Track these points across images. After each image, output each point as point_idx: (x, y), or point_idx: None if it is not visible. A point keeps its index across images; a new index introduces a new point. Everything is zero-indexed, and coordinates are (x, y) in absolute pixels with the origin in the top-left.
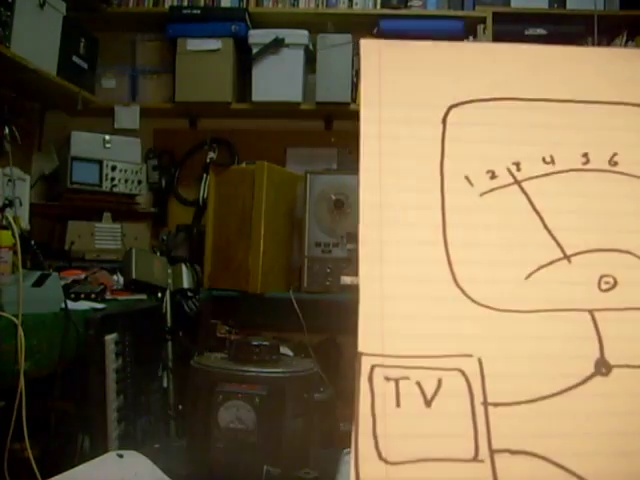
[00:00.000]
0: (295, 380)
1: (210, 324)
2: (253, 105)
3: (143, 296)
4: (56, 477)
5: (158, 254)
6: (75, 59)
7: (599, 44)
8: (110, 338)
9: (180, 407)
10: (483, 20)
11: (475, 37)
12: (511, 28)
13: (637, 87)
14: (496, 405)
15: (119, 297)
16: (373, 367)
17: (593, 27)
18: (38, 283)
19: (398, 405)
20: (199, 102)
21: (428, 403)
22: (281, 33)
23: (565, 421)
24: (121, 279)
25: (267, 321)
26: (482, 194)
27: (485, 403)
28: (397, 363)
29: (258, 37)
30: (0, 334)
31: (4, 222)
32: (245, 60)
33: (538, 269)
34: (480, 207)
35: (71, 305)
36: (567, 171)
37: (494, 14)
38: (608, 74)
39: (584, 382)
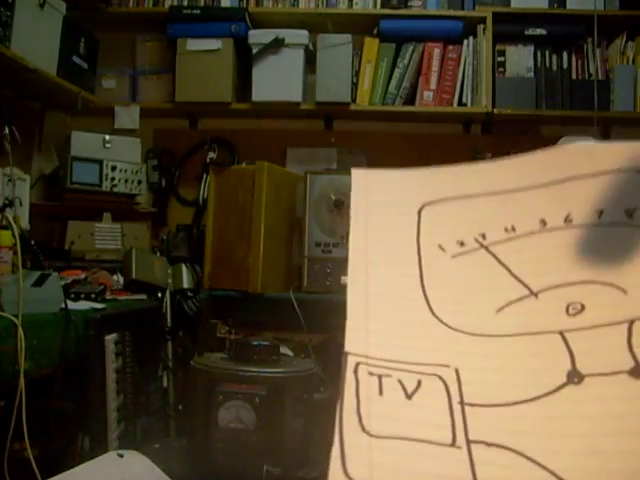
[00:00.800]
0: (295, 380)
1: (210, 324)
2: (253, 105)
3: (143, 296)
4: (56, 477)
5: (158, 254)
6: (75, 59)
7: (599, 44)
8: (110, 338)
9: (180, 407)
10: (483, 20)
11: (475, 37)
12: (511, 28)
13: (574, 166)
14: (472, 405)
15: (119, 297)
16: (358, 364)
17: (593, 27)
18: (38, 283)
19: (381, 394)
20: (199, 102)
21: (409, 397)
22: (281, 33)
23: (538, 423)
24: (121, 279)
25: (267, 321)
26: (454, 256)
27: (462, 403)
28: (379, 364)
29: (258, 37)
30: (0, 334)
31: (4, 222)
32: (245, 60)
33: (508, 304)
34: (452, 265)
35: (71, 305)
36: (527, 234)
37: (494, 14)
38: (551, 163)
39: (557, 390)
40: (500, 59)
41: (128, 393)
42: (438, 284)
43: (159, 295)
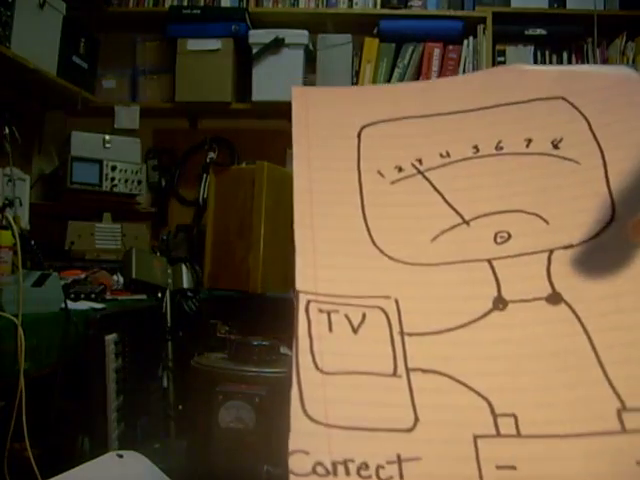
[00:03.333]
0: None
1: (210, 324)
2: (253, 105)
3: (143, 296)
4: (56, 477)
5: (158, 254)
6: (75, 59)
7: (599, 44)
8: (110, 338)
9: (180, 407)
10: (483, 20)
11: (475, 37)
12: (511, 28)
13: (506, 91)
14: (410, 335)
15: (119, 297)
16: (309, 302)
17: (593, 27)
18: (38, 283)
19: (330, 330)
20: (199, 102)
21: (355, 331)
22: (281, 33)
23: (467, 348)
24: (121, 279)
25: (267, 321)
26: (392, 182)
27: (402, 333)
28: (328, 300)
29: (258, 37)
30: (0, 334)
31: (4, 222)
32: (245, 60)
33: (441, 233)
34: (391, 191)
35: (71, 305)
36: (460, 160)
37: (494, 14)
38: (484, 88)
39: (483, 316)
40: (500, 59)
41: (128, 393)
42: (378, 213)
43: (159, 295)
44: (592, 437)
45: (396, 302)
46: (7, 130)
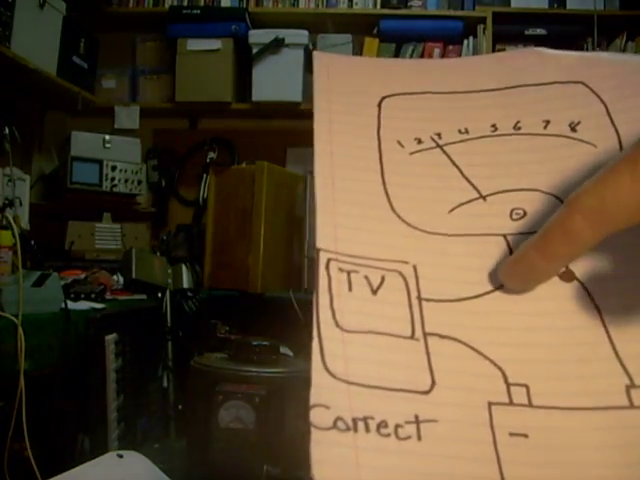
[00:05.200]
0: (295, 380)
1: (210, 324)
2: (253, 105)
3: (143, 296)
4: (56, 477)
5: (158, 254)
6: (75, 59)
7: (599, 44)
8: (110, 338)
9: (180, 407)
10: (483, 20)
11: (475, 37)
12: (511, 28)
13: (526, 73)
14: (428, 300)
15: (119, 297)
16: (329, 260)
17: (593, 27)
18: (38, 283)
19: (350, 290)
20: (199, 102)
21: (374, 292)
22: (281, 33)
23: (482, 317)
24: (121, 279)
25: (267, 321)
26: (411, 153)
27: (419, 298)
28: (348, 260)
29: (258, 37)
30: (0, 334)
31: (4, 222)
32: (245, 60)
33: (459, 206)
34: (410, 161)
35: (71, 305)
36: (479, 137)
37: (494, 14)
38: (504, 68)
39: (498, 288)
40: None
41: (128, 393)
42: (397, 180)
43: (159, 295)
44: (600, 411)
45: (414, 268)
46: (7, 130)
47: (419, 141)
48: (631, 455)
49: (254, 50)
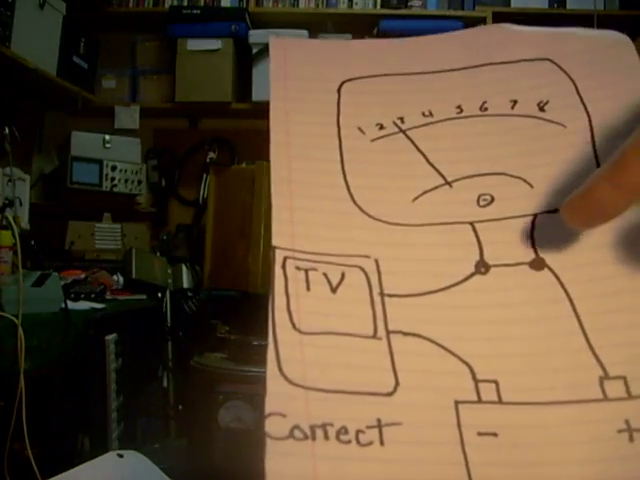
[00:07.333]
0: None
1: (210, 324)
2: (253, 105)
3: (143, 296)
4: (56, 477)
5: (158, 254)
6: (75, 59)
7: None
8: (110, 338)
9: (180, 407)
10: (483, 20)
11: None
12: None
13: (491, 51)
14: (391, 296)
15: (119, 297)
16: (285, 258)
17: (593, 27)
18: (38, 283)
19: (308, 289)
20: (199, 102)
21: (334, 290)
22: (281, 33)
23: (448, 311)
24: (121, 279)
25: (267, 321)
26: (373, 140)
27: (382, 294)
28: (305, 257)
29: (258, 37)
30: (0, 334)
31: (4, 222)
32: (245, 60)
33: (423, 193)
34: (371, 149)
35: (71, 305)
36: (444, 120)
37: (494, 14)
38: (469, 47)
39: (465, 280)
40: None
41: (128, 393)
42: (358, 170)
43: (159, 295)
44: (574, 405)
45: (376, 262)
46: (7, 130)
47: (381, 126)
48: (600, 451)
49: (254, 50)
